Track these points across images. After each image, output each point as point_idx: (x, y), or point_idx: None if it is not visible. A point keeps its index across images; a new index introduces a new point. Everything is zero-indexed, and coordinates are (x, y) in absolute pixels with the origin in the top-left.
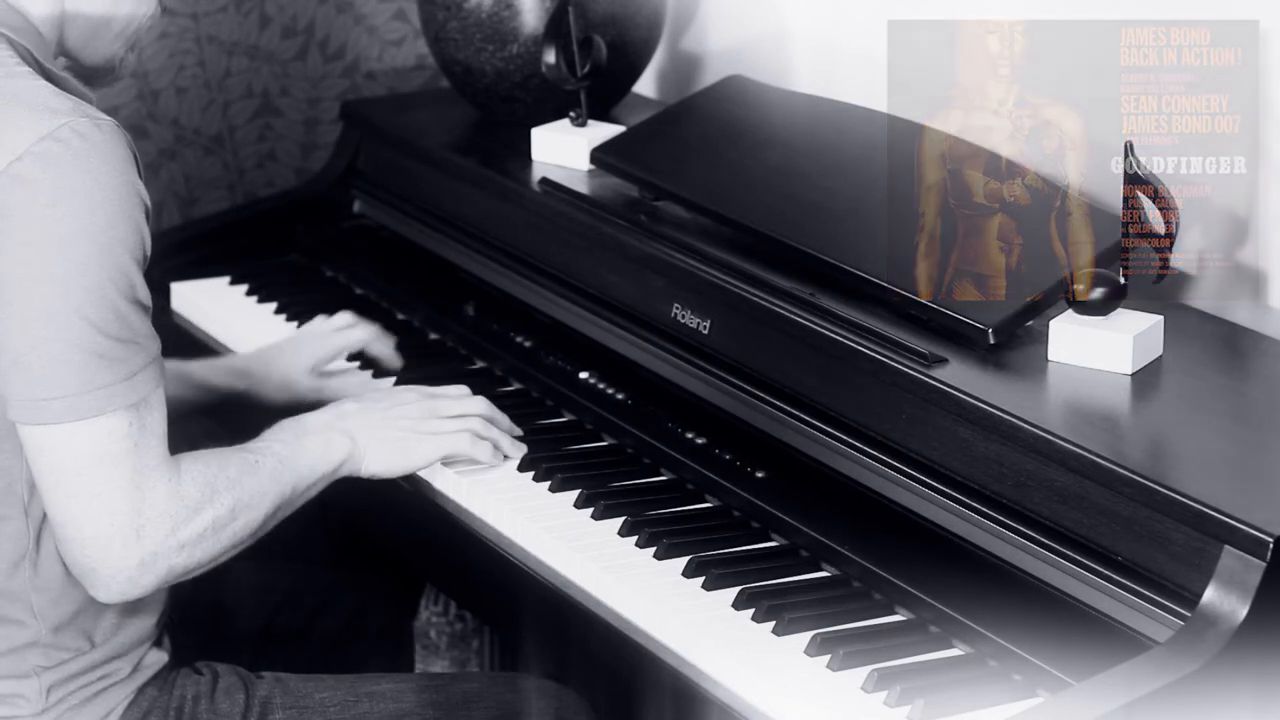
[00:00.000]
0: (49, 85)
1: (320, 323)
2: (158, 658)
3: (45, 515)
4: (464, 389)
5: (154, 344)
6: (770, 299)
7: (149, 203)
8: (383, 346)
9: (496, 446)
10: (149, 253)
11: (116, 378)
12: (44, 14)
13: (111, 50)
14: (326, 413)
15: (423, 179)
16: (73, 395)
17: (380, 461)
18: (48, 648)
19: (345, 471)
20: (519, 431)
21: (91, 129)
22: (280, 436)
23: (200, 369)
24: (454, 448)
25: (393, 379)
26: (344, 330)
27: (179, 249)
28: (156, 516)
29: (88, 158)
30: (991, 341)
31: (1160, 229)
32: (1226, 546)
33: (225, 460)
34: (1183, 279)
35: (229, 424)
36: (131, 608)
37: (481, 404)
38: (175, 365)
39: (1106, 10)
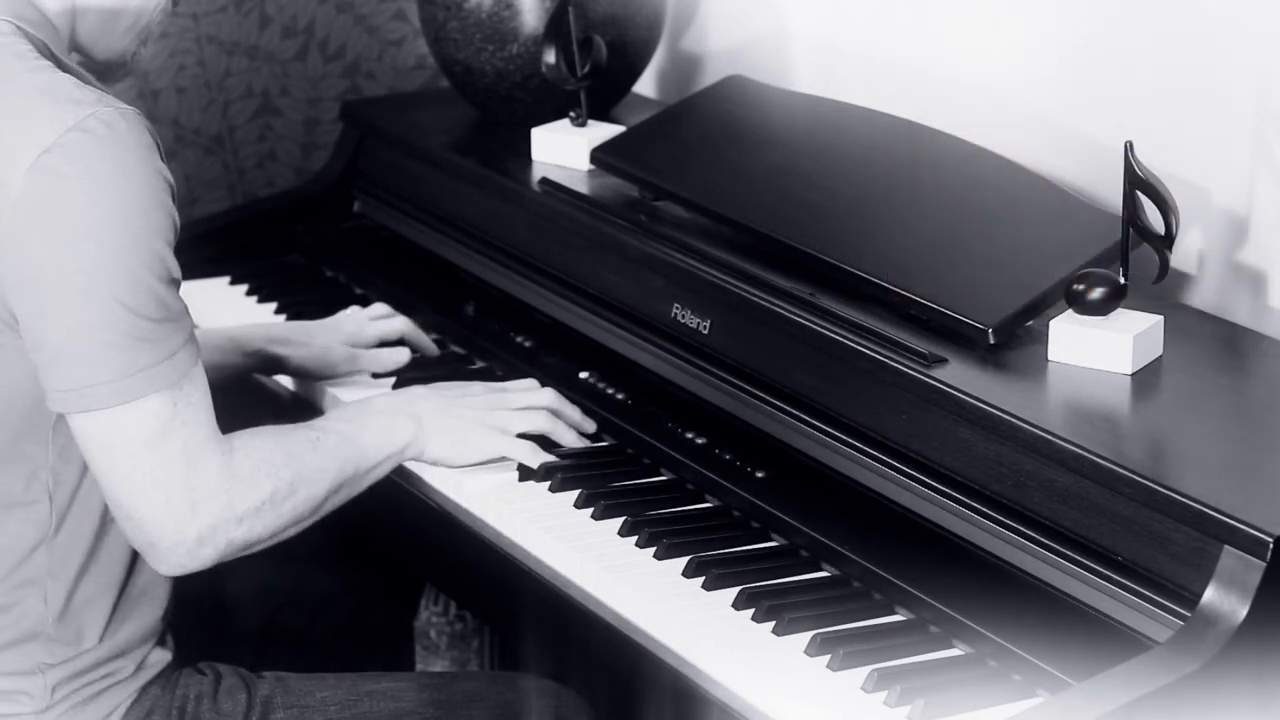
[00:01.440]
0: (70, 77)
1: (356, 310)
2: (161, 657)
3: (69, 503)
4: (532, 382)
5: (189, 320)
6: (770, 299)
7: (173, 183)
8: (419, 336)
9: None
10: (178, 229)
11: (158, 358)
12: (56, 8)
13: (123, 44)
14: (394, 396)
15: (423, 179)
16: (117, 380)
17: (441, 448)
18: (51, 641)
19: (410, 454)
20: (590, 427)
21: (117, 119)
22: (344, 415)
23: (239, 332)
24: (512, 452)
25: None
26: (380, 320)
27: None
28: (211, 491)
29: (114, 147)
30: (991, 341)
31: (1160, 229)
32: (1226, 546)
33: (283, 435)
34: (1183, 279)
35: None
36: (136, 602)
37: (548, 396)
38: (214, 330)
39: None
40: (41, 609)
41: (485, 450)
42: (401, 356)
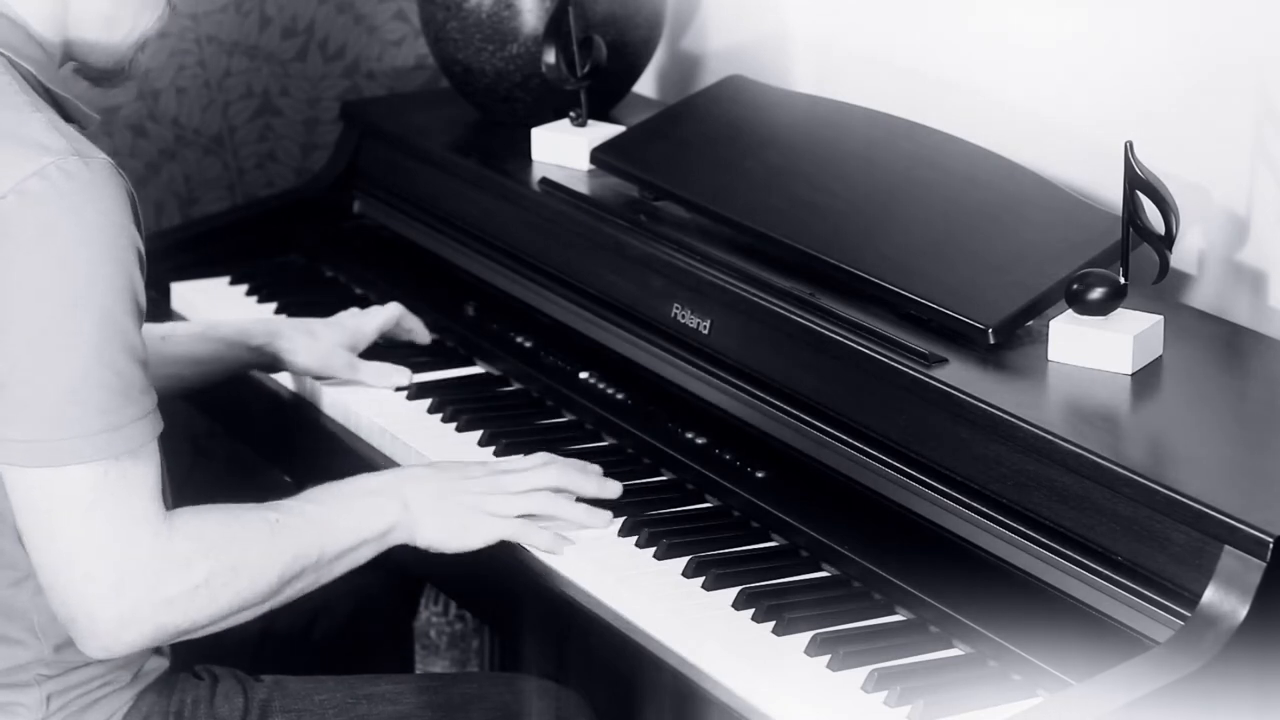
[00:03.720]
0: (46, 118)
1: (351, 311)
2: (158, 664)
3: None
4: (541, 458)
5: (147, 399)
6: (770, 299)
7: (144, 251)
8: (413, 320)
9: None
10: (143, 304)
11: (94, 428)
12: (53, 38)
13: (120, 54)
14: (385, 475)
15: (423, 179)
16: (38, 441)
17: (434, 534)
18: (51, 663)
19: (397, 539)
20: (614, 491)
21: (80, 168)
22: (316, 497)
23: (247, 325)
24: (513, 534)
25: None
26: (376, 311)
27: (179, 249)
28: (139, 570)
29: (72, 197)
30: (991, 341)
31: (1160, 229)
32: (1226, 546)
33: (233, 516)
34: (1183, 279)
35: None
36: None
37: (551, 476)
38: (224, 321)
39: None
40: (36, 643)
41: (482, 536)
42: (400, 379)
